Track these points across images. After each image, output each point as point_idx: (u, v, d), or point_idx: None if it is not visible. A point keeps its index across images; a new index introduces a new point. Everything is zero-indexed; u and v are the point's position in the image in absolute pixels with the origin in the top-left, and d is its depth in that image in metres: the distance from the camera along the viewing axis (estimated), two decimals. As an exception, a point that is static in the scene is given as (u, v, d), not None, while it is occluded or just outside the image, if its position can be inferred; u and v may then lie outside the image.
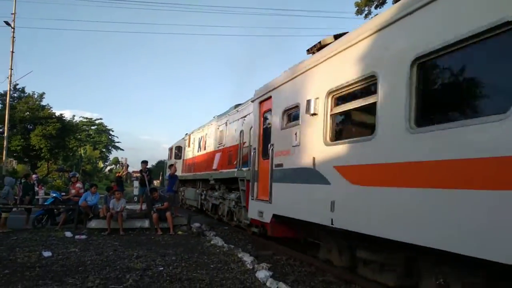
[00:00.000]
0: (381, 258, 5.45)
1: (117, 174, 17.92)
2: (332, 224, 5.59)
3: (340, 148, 5.61)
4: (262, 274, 6.19)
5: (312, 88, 6.44)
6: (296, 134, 6.85)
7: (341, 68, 5.68)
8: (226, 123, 13.71)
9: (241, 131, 11.49)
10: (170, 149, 24.01)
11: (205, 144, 16.47)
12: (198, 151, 17.77)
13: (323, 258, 7.22)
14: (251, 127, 9.98)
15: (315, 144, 6.20)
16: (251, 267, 6.84)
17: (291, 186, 7.03)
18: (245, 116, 11.50)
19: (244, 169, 10.53)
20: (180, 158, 21.08)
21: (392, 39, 4.71)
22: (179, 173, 17.74)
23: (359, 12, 17.16)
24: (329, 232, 6.50)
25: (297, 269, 7.16)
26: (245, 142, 11.13)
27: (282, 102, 7.64)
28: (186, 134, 21.19)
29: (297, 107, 6.92)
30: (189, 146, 19.88)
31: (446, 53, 3.93)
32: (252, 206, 8.94)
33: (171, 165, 14.82)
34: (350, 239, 5.85)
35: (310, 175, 6.24)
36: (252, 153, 9.07)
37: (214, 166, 13.90)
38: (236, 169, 11.22)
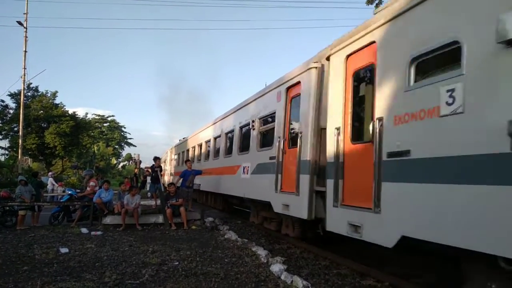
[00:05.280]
0: None
1: (135, 171, 18.76)
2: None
3: None
4: (276, 267, 6.19)
5: None
6: None
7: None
8: None
9: None
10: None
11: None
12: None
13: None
14: None
15: None
16: (265, 261, 6.84)
17: None
18: None
19: None
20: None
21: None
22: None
23: (369, 2, 16.84)
24: None
25: (311, 262, 7.15)
26: None
27: None
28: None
29: None
30: None
31: None
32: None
33: (187, 161, 14.84)
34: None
35: None
36: None
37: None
38: None
